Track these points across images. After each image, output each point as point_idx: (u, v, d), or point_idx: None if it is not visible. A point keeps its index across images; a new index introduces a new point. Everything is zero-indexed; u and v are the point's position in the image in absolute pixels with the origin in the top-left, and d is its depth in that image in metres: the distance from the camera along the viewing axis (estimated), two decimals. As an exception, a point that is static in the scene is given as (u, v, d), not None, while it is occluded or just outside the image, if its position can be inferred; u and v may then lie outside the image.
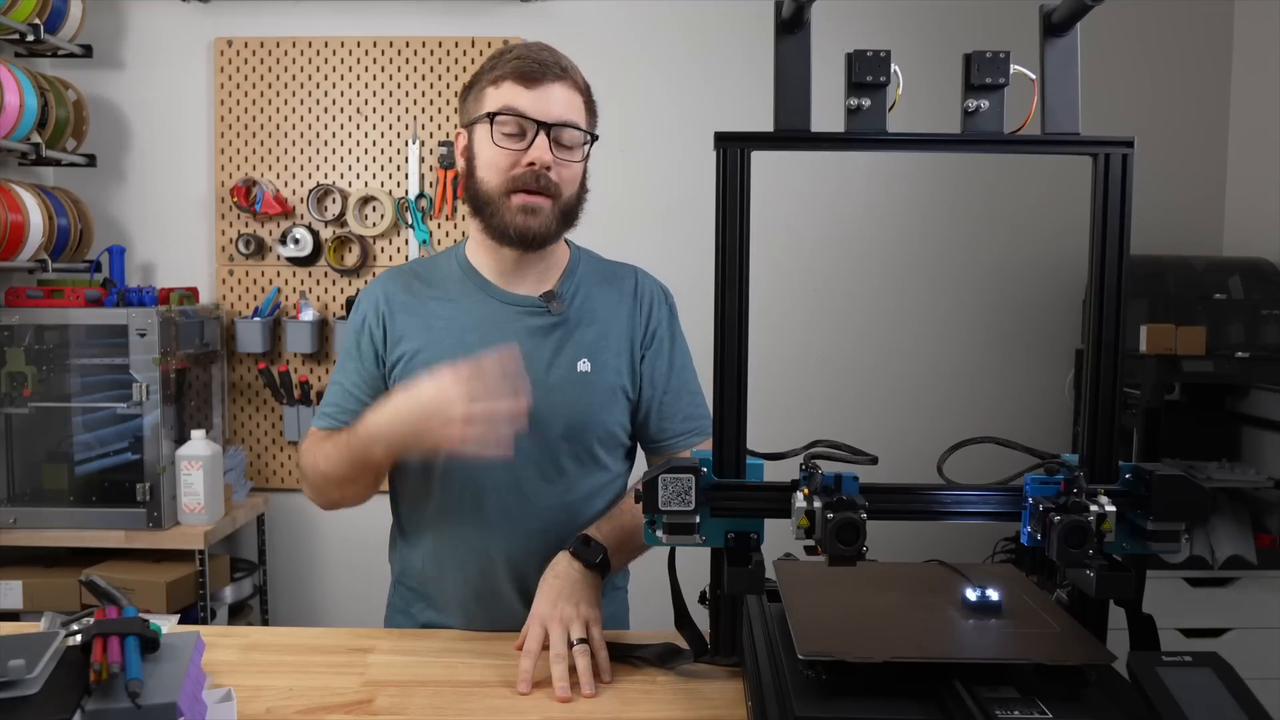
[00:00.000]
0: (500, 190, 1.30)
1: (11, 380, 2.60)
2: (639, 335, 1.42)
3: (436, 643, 1.28)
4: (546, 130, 1.28)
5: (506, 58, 1.31)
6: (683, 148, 2.94)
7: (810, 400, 3.00)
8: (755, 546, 1.02)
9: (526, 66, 1.29)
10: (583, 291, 1.41)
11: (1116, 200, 0.99)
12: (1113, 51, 2.94)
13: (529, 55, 1.30)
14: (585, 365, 1.36)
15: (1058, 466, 1.00)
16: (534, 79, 1.29)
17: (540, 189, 1.29)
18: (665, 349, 1.43)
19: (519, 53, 1.31)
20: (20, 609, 2.54)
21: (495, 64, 1.32)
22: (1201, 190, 3.02)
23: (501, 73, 1.30)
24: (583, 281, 1.42)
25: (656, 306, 1.44)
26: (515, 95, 1.28)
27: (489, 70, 1.32)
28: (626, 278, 1.45)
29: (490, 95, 1.31)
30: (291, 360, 2.95)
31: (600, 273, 1.45)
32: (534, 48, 1.32)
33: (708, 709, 1.07)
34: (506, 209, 1.30)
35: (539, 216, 1.30)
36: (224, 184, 2.94)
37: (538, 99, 1.28)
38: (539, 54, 1.31)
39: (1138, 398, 2.49)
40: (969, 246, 3.02)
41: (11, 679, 0.87)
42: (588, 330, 1.38)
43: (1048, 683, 0.87)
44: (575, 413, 1.35)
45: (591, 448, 1.38)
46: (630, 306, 1.42)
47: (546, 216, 1.31)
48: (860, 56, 0.97)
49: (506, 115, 1.28)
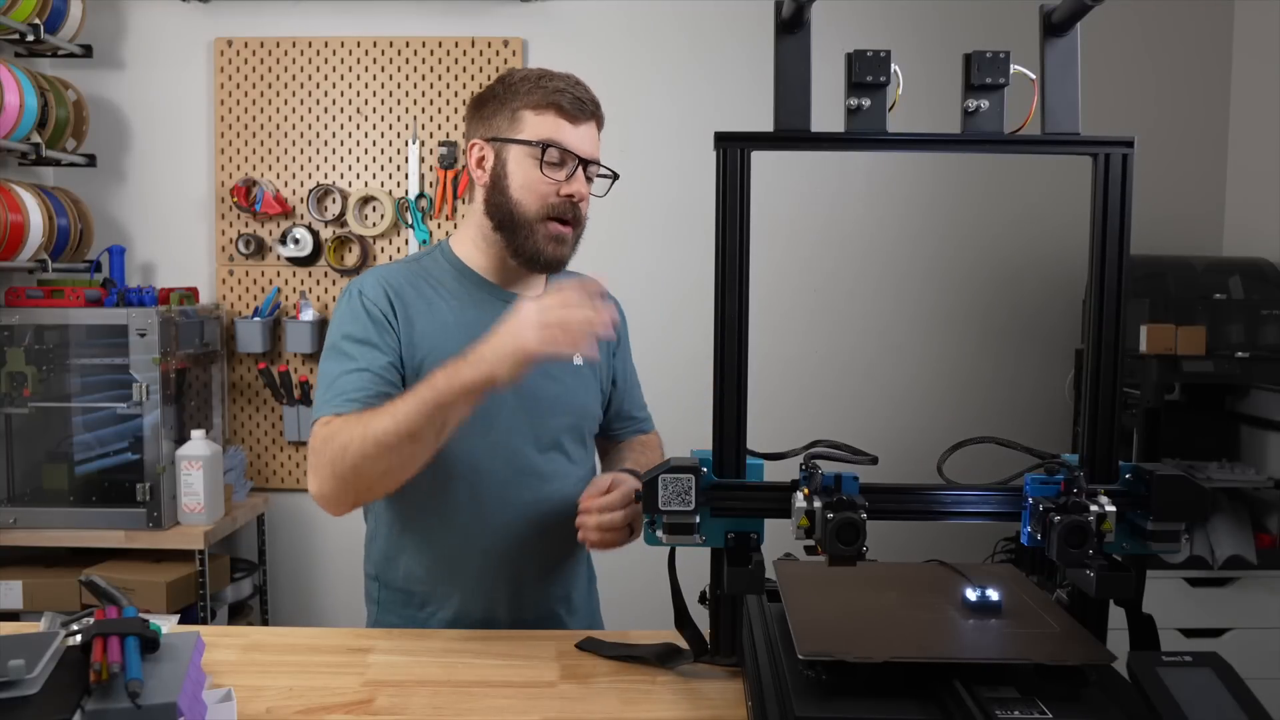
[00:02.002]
0: (537, 216, 1.36)
1: (11, 380, 2.60)
2: None
3: (436, 643, 1.28)
4: (584, 166, 1.37)
5: (548, 86, 1.36)
6: (683, 148, 2.94)
7: (810, 400, 3.00)
8: (755, 546, 1.02)
9: (570, 103, 1.35)
10: None
11: (1116, 200, 0.99)
12: (1113, 51, 2.94)
13: (569, 91, 1.36)
14: (579, 358, 1.44)
15: (1058, 466, 1.00)
16: (576, 116, 1.36)
17: (571, 219, 1.37)
18: (625, 348, 1.59)
19: (559, 85, 1.36)
20: (20, 609, 2.53)
21: (533, 89, 1.36)
22: (1201, 190, 3.02)
23: (544, 101, 1.35)
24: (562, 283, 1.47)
25: (617, 311, 1.52)
26: (560, 129, 1.35)
27: (525, 93, 1.36)
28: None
29: (530, 120, 1.35)
30: (291, 360, 2.95)
31: (570, 279, 1.51)
32: (571, 81, 1.38)
33: (708, 709, 1.07)
34: (541, 235, 1.36)
35: (565, 246, 1.39)
36: (224, 184, 2.94)
37: (580, 136, 1.37)
38: (579, 90, 1.38)
39: (1138, 398, 2.49)
40: (969, 246, 3.02)
41: (11, 679, 0.87)
42: None
43: (1048, 683, 0.87)
44: (576, 402, 1.45)
45: (585, 436, 1.49)
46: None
47: (569, 246, 1.40)
48: (860, 56, 0.97)
49: (554, 148, 1.34)
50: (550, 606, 1.44)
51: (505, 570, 1.39)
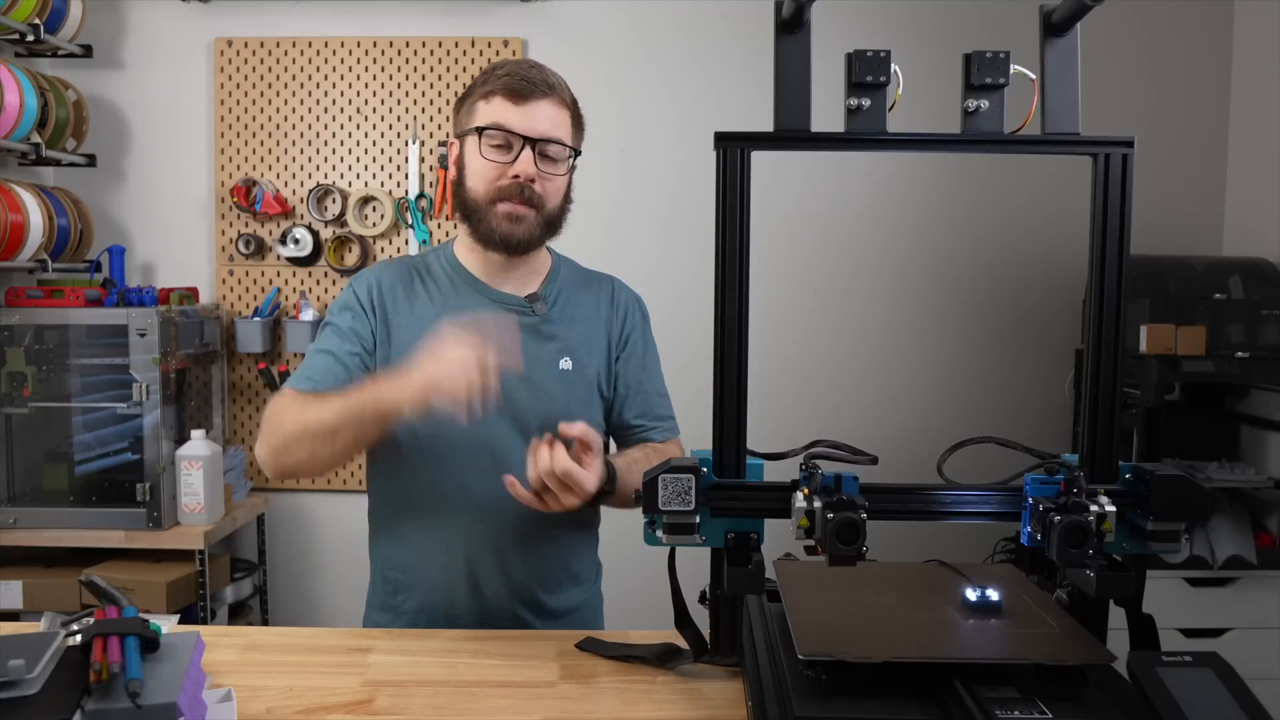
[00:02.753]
0: (486, 199, 1.37)
1: (11, 380, 2.60)
2: (615, 338, 1.50)
3: (436, 643, 1.28)
4: (532, 145, 1.35)
5: (498, 73, 1.38)
6: (682, 148, 2.94)
7: (810, 400, 3.00)
8: (755, 546, 1.02)
9: (515, 84, 1.36)
10: (564, 295, 1.48)
11: (1116, 200, 0.99)
12: (1113, 51, 2.94)
13: (517, 72, 1.37)
14: (567, 363, 1.44)
15: (1058, 466, 1.00)
16: (522, 96, 1.36)
17: (524, 200, 1.37)
18: (638, 353, 1.52)
19: (509, 69, 1.38)
20: (20, 609, 2.54)
21: (486, 79, 1.39)
22: (1201, 190, 3.02)
23: (491, 88, 1.37)
24: (564, 286, 1.49)
25: (631, 313, 1.53)
26: (503, 111, 1.36)
27: (480, 85, 1.39)
28: (604, 285, 1.54)
29: (480, 109, 1.38)
30: (291, 360, 2.95)
31: (579, 279, 1.52)
32: (523, 65, 1.39)
33: (708, 709, 1.07)
34: (492, 216, 1.37)
35: (523, 224, 1.37)
36: (224, 184, 2.94)
37: (525, 115, 1.36)
38: (527, 71, 1.38)
39: (1138, 398, 2.49)
40: (969, 246, 3.02)
41: (11, 679, 0.87)
42: (569, 331, 1.46)
43: (1048, 683, 0.87)
44: (557, 408, 1.41)
45: (570, 443, 1.40)
46: (608, 311, 1.51)
47: (530, 224, 1.38)
48: (860, 56, 0.97)
49: (494, 130, 1.35)
50: (510, 608, 1.42)
51: (465, 566, 1.41)
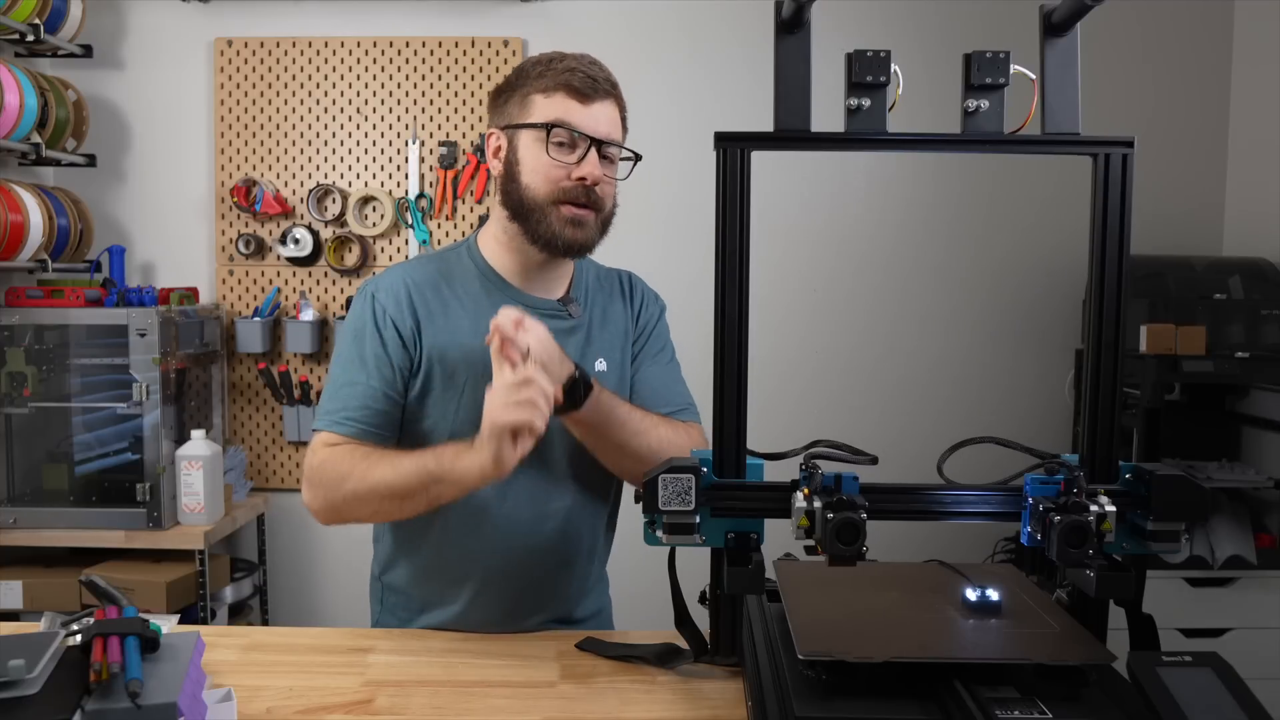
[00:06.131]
0: (548, 200, 1.31)
1: (11, 380, 2.60)
2: (633, 333, 1.47)
3: (436, 643, 1.28)
4: (598, 146, 1.31)
5: (558, 67, 1.31)
6: (683, 148, 2.93)
7: (810, 400, 2.99)
8: (755, 546, 1.02)
9: (580, 81, 1.30)
10: (591, 295, 1.45)
11: (1116, 200, 0.99)
12: (1113, 51, 2.94)
13: (581, 69, 1.31)
14: (602, 365, 1.40)
15: (1058, 466, 1.00)
16: (587, 95, 1.30)
17: (588, 203, 1.31)
18: (656, 348, 1.47)
19: (571, 65, 1.31)
20: (20, 609, 2.53)
21: (544, 72, 1.32)
22: (1201, 190, 3.02)
23: (553, 83, 1.30)
24: (589, 286, 1.46)
25: (648, 306, 1.50)
26: (569, 109, 1.30)
27: (536, 77, 1.32)
28: (622, 280, 1.51)
29: (539, 104, 1.31)
30: (291, 360, 2.95)
31: (600, 277, 1.49)
32: (584, 61, 1.33)
33: (708, 709, 1.07)
34: (556, 219, 1.31)
35: (585, 229, 1.32)
36: (224, 184, 2.94)
37: (591, 115, 1.30)
38: (591, 68, 1.32)
39: (1138, 398, 2.49)
40: (969, 246, 3.02)
41: (11, 679, 0.87)
42: (601, 332, 1.43)
43: (1048, 683, 0.87)
44: None
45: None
46: (624, 307, 1.48)
47: (591, 229, 1.33)
48: (860, 56, 0.97)
49: (561, 128, 1.29)
50: (548, 627, 1.39)
51: (501, 586, 1.36)
